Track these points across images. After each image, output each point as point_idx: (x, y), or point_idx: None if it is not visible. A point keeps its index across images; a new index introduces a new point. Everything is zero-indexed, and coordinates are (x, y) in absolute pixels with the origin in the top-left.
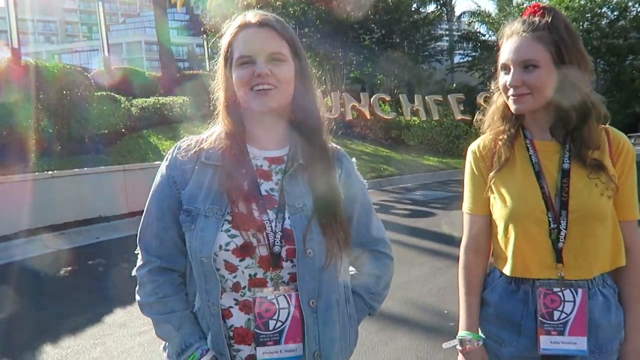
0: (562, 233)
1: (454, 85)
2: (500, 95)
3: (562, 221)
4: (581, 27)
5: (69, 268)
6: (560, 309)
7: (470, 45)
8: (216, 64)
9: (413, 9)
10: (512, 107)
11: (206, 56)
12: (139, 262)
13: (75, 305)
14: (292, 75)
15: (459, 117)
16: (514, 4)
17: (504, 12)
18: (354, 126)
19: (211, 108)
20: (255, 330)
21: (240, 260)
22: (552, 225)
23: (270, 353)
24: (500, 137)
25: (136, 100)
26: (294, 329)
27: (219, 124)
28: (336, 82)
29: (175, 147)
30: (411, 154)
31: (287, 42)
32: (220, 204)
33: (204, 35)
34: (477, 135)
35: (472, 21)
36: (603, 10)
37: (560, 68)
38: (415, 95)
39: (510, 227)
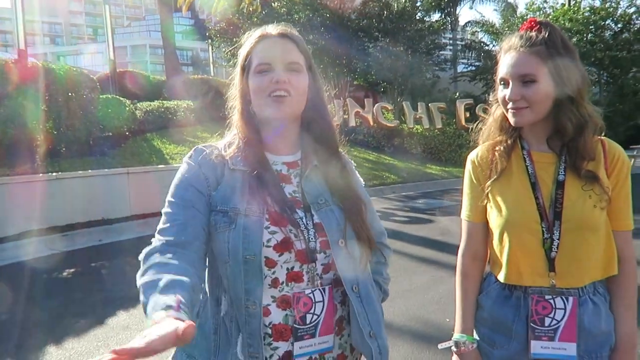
0: (555, 243)
1: (457, 94)
2: (498, 107)
3: (555, 231)
4: (585, 39)
5: (72, 270)
6: (551, 315)
7: (473, 55)
8: (231, 71)
9: (417, 18)
10: (512, 120)
11: (211, 60)
12: (151, 245)
13: (78, 306)
14: (306, 86)
15: (464, 123)
16: (518, 14)
17: (508, 22)
18: (357, 133)
19: (222, 114)
20: (294, 325)
21: (280, 255)
22: (545, 235)
23: (306, 347)
24: (497, 147)
25: (141, 103)
26: (327, 322)
27: (233, 132)
28: (340, 89)
29: (199, 150)
30: (413, 162)
31: (304, 56)
32: (257, 204)
33: (209, 40)
34: (477, 145)
35: (475, 31)
36: (607, 22)
37: (557, 82)
38: (419, 103)
39: (505, 236)
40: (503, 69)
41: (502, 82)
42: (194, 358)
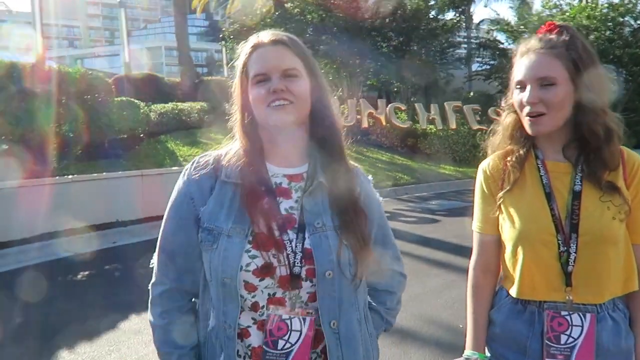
0: (572, 256)
1: (472, 93)
2: (508, 115)
3: (572, 244)
4: (603, 36)
5: (86, 272)
6: (567, 332)
7: (488, 53)
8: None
9: (431, 17)
10: (529, 129)
11: (224, 62)
12: (154, 278)
13: (91, 310)
14: (308, 91)
15: (475, 127)
16: (534, 11)
17: (523, 20)
18: (371, 134)
19: (229, 120)
20: (264, 346)
21: (260, 280)
22: (561, 248)
23: None
24: (509, 157)
25: (155, 105)
26: (302, 354)
27: (236, 141)
28: (353, 89)
29: (192, 163)
30: (427, 162)
31: (301, 59)
32: (243, 223)
33: (223, 42)
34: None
35: (491, 29)
36: (626, 19)
37: (578, 86)
38: (432, 105)
39: (519, 249)
40: (520, 71)
41: (518, 86)
42: None
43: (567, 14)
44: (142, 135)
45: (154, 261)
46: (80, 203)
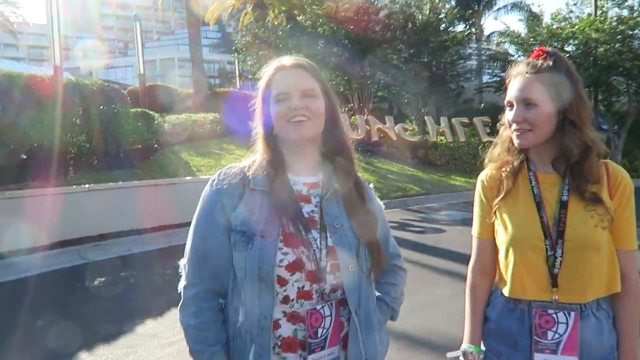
0: (558, 260)
1: (482, 104)
2: (505, 129)
3: (558, 249)
4: (612, 49)
5: (102, 279)
6: (554, 329)
7: (498, 65)
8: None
9: (442, 29)
10: (515, 142)
11: (237, 73)
12: (184, 281)
13: (108, 314)
14: (323, 109)
15: (485, 139)
16: (543, 24)
17: (533, 32)
18: (381, 145)
19: (251, 136)
20: (308, 339)
21: (291, 275)
22: (549, 252)
23: (317, 359)
24: (504, 168)
25: (169, 116)
26: (335, 335)
27: (257, 154)
28: (363, 101)
29: (219, 174)
30: (438, 173)
31: (318, 82)
32: (273, 225)
33: (236, 53)
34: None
35: (501, 41)
36: (635, 32)
37: (558, 107)
38: (441, 118)
39: (511, 252)
40: (510, 92)
41: (508, 105)
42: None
43: (577, 26)
44: (156, 145)
45: (184, 264)
46: (96, 211)
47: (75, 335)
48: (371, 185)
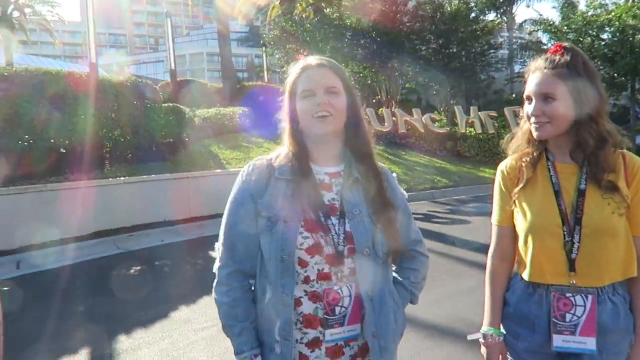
0: (576, 245)
1: (514, 95)
2: (526, 122)
3: (575, 235)
4: None
5: (138, 267)
6: (572, 312)
7: (530, 55)
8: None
9: (471, 18)
10: (534, 134)
11: (265, 67)
12: (218, 262)
13: (143, 301)
14: (345, 106)
15: (515, 129)
16: (578, 11)
17: (567, 20)
18: (408, 137)
19: (278, 129)
20: (325, 316)
21: (311, 257)
22: (566, 238)
23: (336, 334)
24: (524, 158)
25: (199, 110)
26: (355, 313)
27: (284, 146)
28: (391, 93)
29: (249, 166)
30: (466, 165)
31: (341, 80)
32: (295, 211)
33: (264, 47)
34: (507, 155)
35: (533, 30)
36: None
37: (576, 101)
38: (471, 107)
39: (530, 238)
40: (529, 87)
41: (527, 99)
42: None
43: (613, 13)
44: (187, 139)
45: (218, 247)
46: (131, 203)
47: (114, 320)
48: (394, 175)
